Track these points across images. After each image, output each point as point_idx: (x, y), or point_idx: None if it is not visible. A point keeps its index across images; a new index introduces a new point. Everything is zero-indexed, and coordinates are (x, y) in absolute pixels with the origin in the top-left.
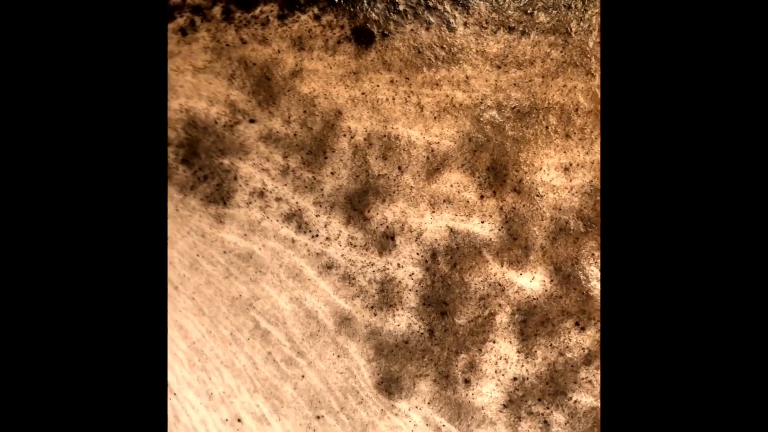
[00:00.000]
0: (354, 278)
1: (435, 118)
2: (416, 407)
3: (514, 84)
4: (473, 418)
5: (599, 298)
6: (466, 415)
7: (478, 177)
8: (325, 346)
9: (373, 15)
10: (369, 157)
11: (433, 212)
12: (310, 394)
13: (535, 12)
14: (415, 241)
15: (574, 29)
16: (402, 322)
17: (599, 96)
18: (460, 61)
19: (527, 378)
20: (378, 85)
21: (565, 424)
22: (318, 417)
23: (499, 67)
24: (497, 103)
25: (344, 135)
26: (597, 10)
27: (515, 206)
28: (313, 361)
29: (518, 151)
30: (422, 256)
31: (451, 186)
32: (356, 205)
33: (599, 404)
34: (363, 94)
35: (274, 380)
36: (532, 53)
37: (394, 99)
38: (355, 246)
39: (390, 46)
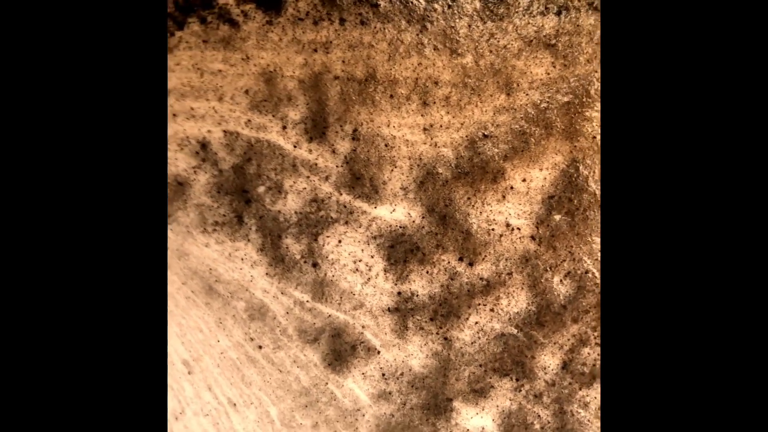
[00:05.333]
0: None
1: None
2: (246, 259)
3: (343, 61)
4: (344, 298)
5: (483, 234)
6: (332, 293)
7: (280, 120)
8: None
9: None
10: None
11: (179, 119)
12: None
13: (382, 3)
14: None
15: (434, 17)
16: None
17: (467, 74)
18: (248, 48)
19: (416, 294)
20: None
21: (472, 343)
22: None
23: (315, 51)
24: (312, 75)
25: None
26: None
27: (356, 149)
28: None
29: (345, 110)
30: (189, 148)
31: (206, 111)
32: None
33: (513, 330)
34: None
35: None
36: (373, 38)
37: None
38: None
39: None
